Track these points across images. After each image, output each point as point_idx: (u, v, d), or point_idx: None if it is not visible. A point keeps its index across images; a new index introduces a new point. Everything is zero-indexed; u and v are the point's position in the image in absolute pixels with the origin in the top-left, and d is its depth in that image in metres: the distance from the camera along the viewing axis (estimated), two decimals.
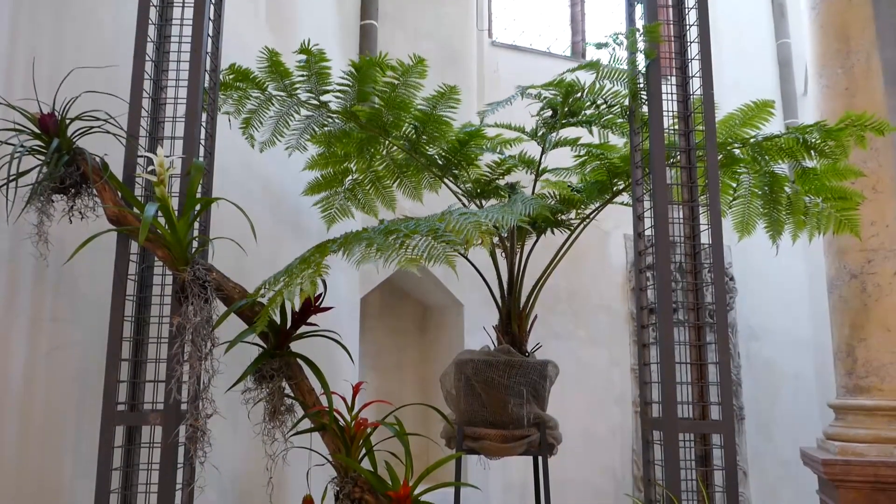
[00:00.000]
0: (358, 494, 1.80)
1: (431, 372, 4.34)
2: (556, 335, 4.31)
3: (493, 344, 2.68)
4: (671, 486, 1.74)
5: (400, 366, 4.45)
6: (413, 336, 4.54)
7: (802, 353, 4.98)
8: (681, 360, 1.88)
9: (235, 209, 1.93)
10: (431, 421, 3.61)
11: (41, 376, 1.99)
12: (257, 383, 1.87)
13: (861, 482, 3.00)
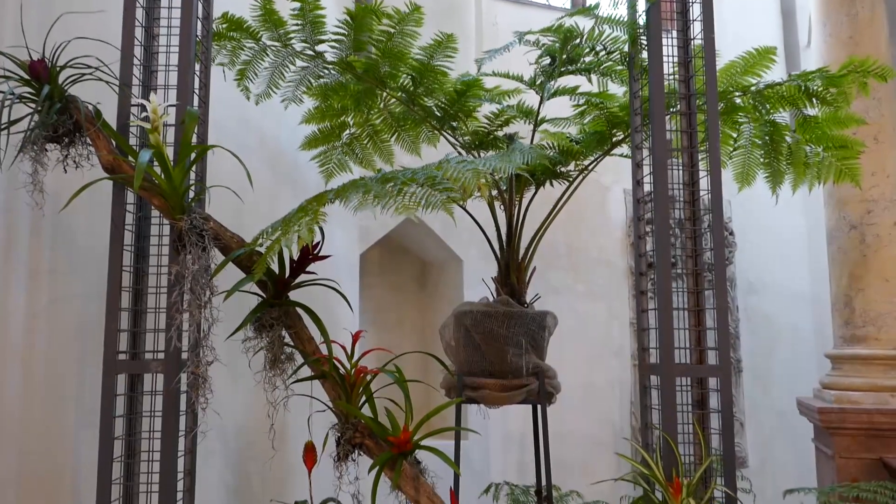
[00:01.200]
0: (359, 440, 1.83)
1: (431, 327, 4.36)
2: (556, 290, 4.32)
3: (491, 296, 2.69)
4: (668, 430, 1.77)
5: (400, 321, 4.47)
6: (413, 292, 4.56)
7: (800, 307, 5.00)
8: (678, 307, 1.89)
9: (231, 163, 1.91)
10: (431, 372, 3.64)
11: (42, 328, 2.01)
12: (257, 332, 1.89)
13: (856, 429, 3.04)
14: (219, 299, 1.76)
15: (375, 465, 1.76)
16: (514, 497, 2.84)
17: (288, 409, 1.86)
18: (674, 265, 1.92)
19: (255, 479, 2.83)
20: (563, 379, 2.69)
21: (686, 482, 1.65)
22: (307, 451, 1.93)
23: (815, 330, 4.93)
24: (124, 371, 1.72)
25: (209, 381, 1.69)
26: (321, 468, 1.99)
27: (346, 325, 2.25)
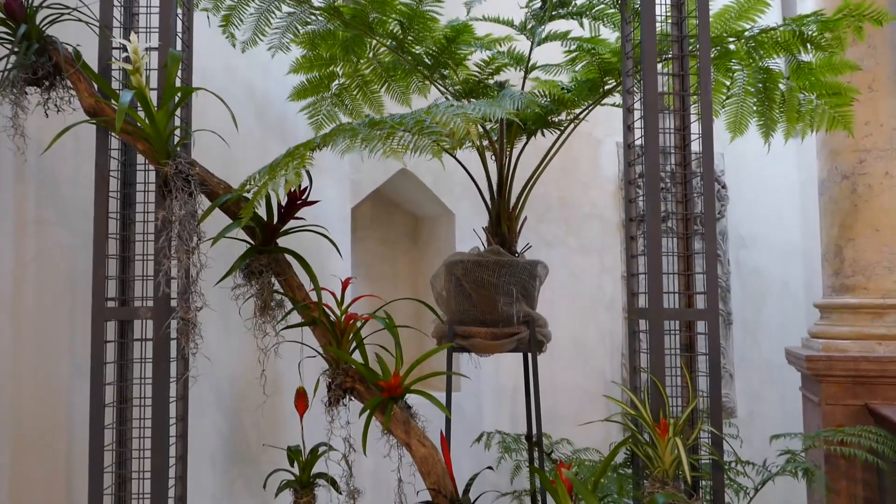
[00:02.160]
0: (349, 384, 1.84)
1: (424, 281, 4.37)
2: (548, 243, 4.32)
3: (482, 246, 2.68)
4: (656, 372, 1.78)
5: (392, 276, 4.47)
6: (405, 246, 4.55)
7: (791, 260, 5.03)
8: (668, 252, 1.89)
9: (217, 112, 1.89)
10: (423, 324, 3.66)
11: (30, 278, 2.00)
12: (246, 279, 1.88)
13: (842, 376, 3.08)
14: (207, 246, 1.75)
15: (366, 410, 1.78)
16: (506, 445, 2.89)
17: (279, 355, 1.86)
18: (664, 220, 1.91)
19: (249, 429, 2.86)
20: (554, 332, 2.71)
21: (673, 422, 1.67)
22: (299, 397, 1.95)
23: (805, 283, 4.96)
24: (113, 318, 1.72)
25: (199, 326, 1.69)
26: (313, 414, 2.01)
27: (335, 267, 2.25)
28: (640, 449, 1.73)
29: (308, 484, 1.92)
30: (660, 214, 1.76)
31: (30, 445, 1.94)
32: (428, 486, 1.77)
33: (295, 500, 1.91)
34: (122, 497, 1.72)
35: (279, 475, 1.97)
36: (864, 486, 3.08)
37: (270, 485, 2.05)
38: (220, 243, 1.84)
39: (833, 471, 3.07)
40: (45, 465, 1.97)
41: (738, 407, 4.70)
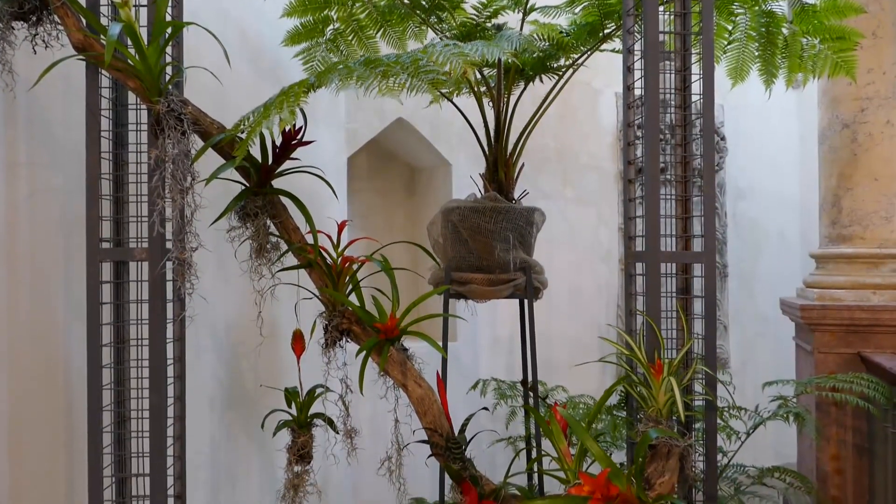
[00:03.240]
0: (346, 326, 1.84)
1: (420, 232, 4.35)
2: (545, 195, 4.30)
3: (479, 193, 2.67)
4: (651, 314, 1.79)
5: (389, 227, 4.46)
6: (401, 197, 4.53)
7: (788, 213, 5.03)
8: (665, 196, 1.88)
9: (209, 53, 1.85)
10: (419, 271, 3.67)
11: (23, 221, 1.98)
12: (241, 221, 1.87)
13: (836, 325, 3.11)
14: (201, 187, 1.74)
15: (362, 350, 1.79)
16: (501, 392, 2.92)
17: (276, 297, 1.86)
18: (663, 171, 1.89)
19: (246, 373, 2.88)
20: (550, 283, 2.71)
21: (668, 362, 1.68)
22: (295, 339, 1.96)
23: (802, 236, 4.98)
24: (108, 258, 1.71)
25: (194, 267, 1.68)
26: (310, 356, 2.02)
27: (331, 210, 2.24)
28: (634, 389, 1.75)
29: (305, 424, 1.94)
30: (658, 153, 1.75)
31: (28, 386, 1.95)
32: (424, 426, 1.79)
33: (293, 440, 1.93)
34: (122, 435, 1.74)
35: (277, 415, 2.00)
36: (854, 433, 3.13)
37: (268, 425, 2.07)
38: (215, 187, 1.83)
39: (824, 418, 3.12)
40: (43, 404, 1.99)
41: (731, 358, 4.76)
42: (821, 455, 3.16)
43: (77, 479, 2.06)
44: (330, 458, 2.00)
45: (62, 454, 2.03)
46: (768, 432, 3.82)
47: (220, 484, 2.74)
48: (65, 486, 2.04)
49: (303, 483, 1.93)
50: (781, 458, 4.13)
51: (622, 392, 2.28)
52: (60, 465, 2.03)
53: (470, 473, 1.76)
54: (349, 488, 3.71)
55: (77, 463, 2.05)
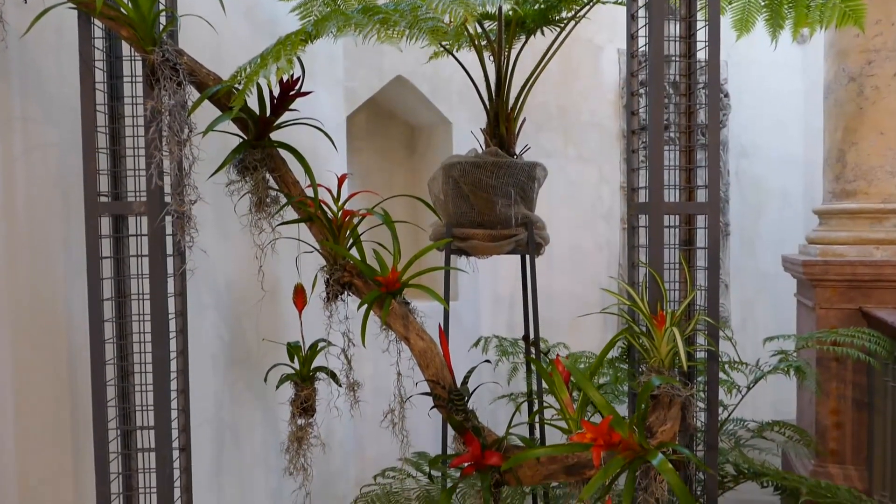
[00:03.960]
0: (347, 279, 1.84)
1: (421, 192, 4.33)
2: (547, 153, 4.27)
3: (480, 148, 2.64)
4: (654, 265, 1.78)
5: (389, 187, 4.43)
6: (401, 157, 4.49)
7: (791, 170, 5.00)
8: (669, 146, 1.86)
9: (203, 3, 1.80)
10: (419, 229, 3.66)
11: (20, 176, 1.96)
12: (240, 175, 1.85)
13: (838, 281, 3.10)
14: (199, 140, 1.71)
15: (364, 304, 1.78)
16: (503, 348, 2.93)
17: (276, 252, 1.85)
18: (666, 129, 1.86)
19: (248, 331, 2.89)
20: (551, 242, 2.69)
21: (670, 312, 1.68)
22: (297, 294, 1.95)
23: (805, 194, 4.95)
24: (106, 212, 1.69)
25: (194, 220, 1.67)
26: (312, 311, 2.02)
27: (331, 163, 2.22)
28: (636, 340, 1.75)
29: (308, 378, 1.95)
30: (663, 100, 1.71)
31: (31, 342, 1.95)
32: (427, 378, 1.80)
33: (296, 393, 1.94)
34: (126, 388, 1.75)
35: (280, 370, 2.00)
36: (854, 388, 3.15)
37: (271, 379, 2.08)
38: (213, 143, 1.80)
39: (824, 373, 3.14)
40: (47, 360, 1.99)
41: (731, 316, 4.77)
42: (820, 409, 3.19)
43: (82, 434, 2.07)
44: (333, 412, 2.01)
45: (67, 409, 2.05)
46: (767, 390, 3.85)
47: (224, 439, 2.77)
48: (70, 441, 2.06)
49: (306, 436, 1.94)
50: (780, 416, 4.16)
51: (624, 345, 2.29)
52: (65, 420, 2.04)
53: (473, 425, 1.77)
54: (352, 441, 3.76)
55: (82, 417, 2.06)
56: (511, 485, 1.73)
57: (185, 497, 1.85)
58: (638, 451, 1.49)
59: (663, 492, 1.53)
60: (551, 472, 1.66)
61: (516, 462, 1.62)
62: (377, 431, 3.66)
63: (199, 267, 1.82)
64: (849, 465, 3.15)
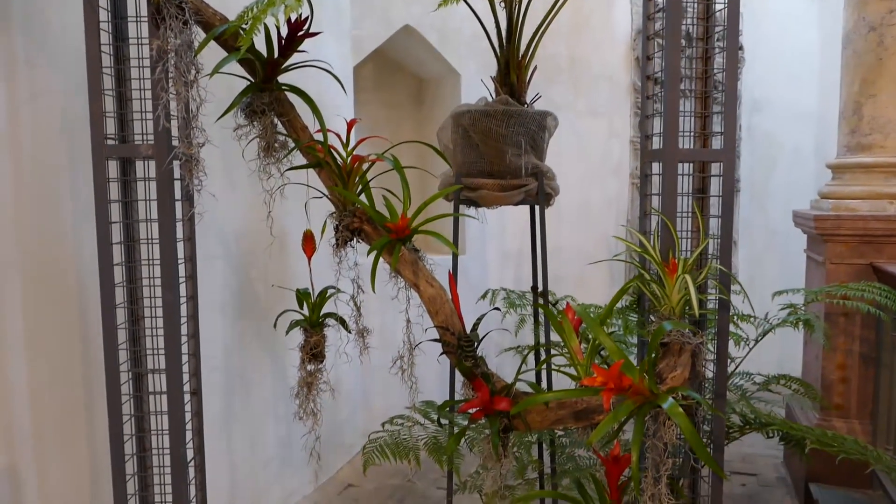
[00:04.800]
0: (357, 225, 1.82)
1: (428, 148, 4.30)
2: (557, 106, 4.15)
3: (490, 97, 2.59)
4: (667, 213, 1.76)
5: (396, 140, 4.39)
6: (409, 110, 4.44)
7: (805, 126, 4.92)
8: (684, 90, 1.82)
9: None
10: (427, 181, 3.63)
11: (26, 122, 1.94)
12: (248, 119, 1.82)
13: (850, 235, 3.08)
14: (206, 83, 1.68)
15: (374, 250, 1.77)
16: (511, 301, 2.93)
17: (285, 197, 1.84)
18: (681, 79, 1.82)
19: (256, 282, 2.89)
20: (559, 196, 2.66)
21: (682, 259, 1.66)
22: (306, 240, 1.94)
23: (817, 150, 4.88)
24: (114, 155, 1.67)
25: (202, 163, 1.65)
26: (321, 259, 2.01)
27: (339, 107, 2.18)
28: (647, 288, 1.74)
29: (317, 324, 1.95)
30: (679, 42, 1.67)
31: (40, 290, 1.95)
32: (436, 325, 1.79)
33: (306, 339, 1.95)
34: (136, 332, 1.75)
35: (289, 316, 2.00)
36: (862, 343, 3.15)
37: (281, 325, 2.09)
38: (220, 88, 1.77)
39: (832, 328, 3.13)
40: (57, 305, 2.00)
41: (739, 272, 4.76)
42: (826, 364, 3.19)
43: (95, 378, 2.09)
44: (342, 359, 2.02)
45: (78, 353, 2.06)
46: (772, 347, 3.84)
47: (234, 387, 2.80)
48: (82, 386, 2.08)
49: (316, 381, 1.96)
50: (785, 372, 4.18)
51: (634, 294, 2.28)
52: (77, 364, 2.06)
53: (482, 371, 1.77)
54: (360, 393, 3.80)
55: (94, 361, 2.08)
56: (520, 430, 1.74)
57: (196, 439, 1.87)
58: (648, 397, 1.49)
59: (672, 437, 1.54)
60: (560, 418, 1.67)
61: (526, 406, 1.63)
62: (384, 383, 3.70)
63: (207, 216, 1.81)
64: (853, 419, 3.16)
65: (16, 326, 1.89)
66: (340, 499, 3.36)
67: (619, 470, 1.64)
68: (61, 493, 2.03)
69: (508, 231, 4.28)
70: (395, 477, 3.60)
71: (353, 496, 3.39)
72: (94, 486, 2.13)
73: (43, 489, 1.97)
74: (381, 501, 3.33)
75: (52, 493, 2.00)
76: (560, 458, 2.50)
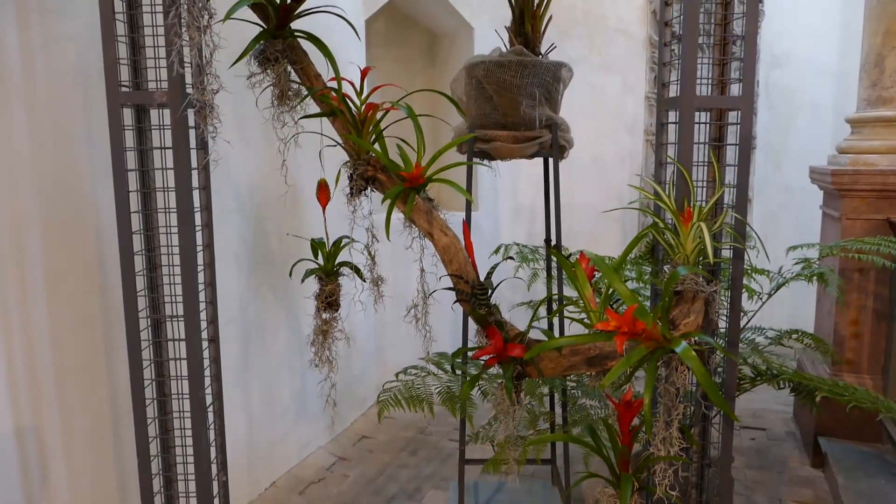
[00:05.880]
0: (371, 173, 1.82)
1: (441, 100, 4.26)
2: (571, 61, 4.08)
3: (504, 48, 2.56)
4: (683, 161, 1.74)
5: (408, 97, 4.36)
6: (421, 65, 4.39)
7: (824, 82, 4.83)
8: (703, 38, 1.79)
9: None
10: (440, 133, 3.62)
11: (40, 69, 1.94)
12: (261, 67, 1.81)
13: (867, 190, 3.04)
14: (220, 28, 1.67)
15: (388, 198, 1.77)
16: (523, 255, 2.93)
17: (299, 144, 1.83)
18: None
19: (271, 235, 2.91)
20: (573, 152, 2.64)
21: (698, 207, 1.65)
22: (320, 189, 1.94)
23: (836, 107, 4.80)
24: (129, 102, 1.67)
25: (216, 110, 1.65)
26: (335, 208, 2.02)
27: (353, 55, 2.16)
28: (661, 236, 1.73)
29: (332, 272, 1.96)
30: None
31: (60, 240, 1.98)
32: (450, 273, 1.80)
33: (321, 288, 1.96)
34: (154, 280, 1.78)
35: (304, 265, 2.02)
36: (875, 299, 3.14)
37: (295, 279, 2.10)
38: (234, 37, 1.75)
39: (846, 283, 3.12)
40: (76, 253, 2.03)
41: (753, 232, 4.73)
42: (839, 320, 3.19)
43: (114, 325, 2.13)
44: (356, 307, 2.03)
45: (97, 302, 2.10)
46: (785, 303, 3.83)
47: (250, 339, 2.84)
48: (102, 331, 2.12)
49: (331, 329, 1.98)
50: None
51: (648, 243, 2.28)
52: (97, 311, 2.10)
53: (496, 318, 1.78)
54: (373, 348, 3.84)
55: (113, 308, 2.12)
56: (533, 377, 1.76)
57: (215, 385, 1.91)
58: (661, 342, 1.50)
59: (685, 381, 1.55)
60: (573, 364, 1.69)
61: (539, 351, 1.64)
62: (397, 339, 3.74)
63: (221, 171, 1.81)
64: (864, 374, 3.17)
65: (36, 275, 1.92)
66: (355, 449, 3.43)
67: (631, 415, 1.66)
68: (84, 440, 2.08)
69: (520, 187, 4.26)
70: (408, 429, 3.66)
71: (368, 447, 3.46)
72: (116, 431, 2.18)
73: (66, 434, 2.02)
74: (394, 452, 3.39)
75: (76, 441, 2.05)
76: (571, 410, 2.54)
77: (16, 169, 1.87)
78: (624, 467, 1.67)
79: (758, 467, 3.19)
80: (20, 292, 1.89)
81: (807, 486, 3.00)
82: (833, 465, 2.94)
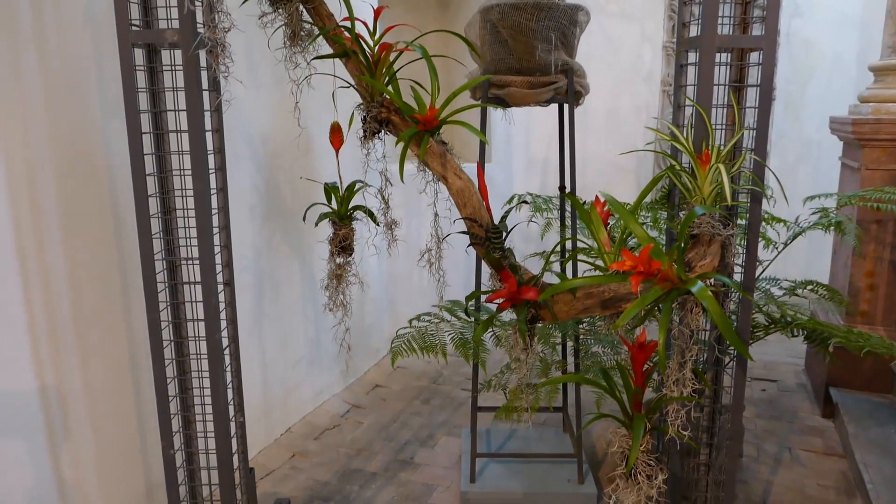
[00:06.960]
0: (385, 115, 1.80)
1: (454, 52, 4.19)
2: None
3: None
4: (702, 102, 1.71)
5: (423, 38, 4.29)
6: (434, 13, 4.31)
7: (847, 33, 4.70)
8: None
9: None
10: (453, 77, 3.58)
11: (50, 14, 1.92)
12: (273, 7, 1.78)
13: (889, 140, 2.99)
14: None
15: (401, 140, 1.75)
16: (536, 205, 2.91)
17: (312, 86, 1.81)
18: None
19: (283, 185, 2.90)
20: (587, 103, 2.60)
21: (716, 149, 1.63)
22: (333, 132, 1.93)
23: (858, 59, 4.68)
24: (139, 41, 1.65)
25: (228, 49, 1.62)
26: (349, 152, 2.01)
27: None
28: (678, 179, 1.71)
29: (346, 216, 1.96)
30: None
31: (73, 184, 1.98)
32: (464, 217, 1.79)
33: (334, 232, 1.96)
34: (168, 222, 1.78)
35: (318, 209, 2.02)
36: (892, 250, 3.11)
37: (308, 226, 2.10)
38: None
39: (864, 234, 3.09)
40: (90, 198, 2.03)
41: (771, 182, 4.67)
42: (855, 271, 3.16)
43: (130, 269, 2.15)
44: (370, 250, 2.03)
45: (113, 245, 2.11)
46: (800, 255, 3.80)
47: (264, 288, 2.86)
48: (118, 274, 2.13)
49: (345, 273, 1.98)
50: None
51: (664, 188, 2.25)
52: (113, 254, 2.11)
53: (510, 262, 1.78)
54: (386, 299, 3.86)
55: (128, 252, 2.13)
56: (547, 320, 1.76)
57: (230, 328, 1.93)
58: (676, 283, 1.49)
59: (699, 323, 1.55)
60: (587, 307, 1.69)
61: (553, 293, 1.64)
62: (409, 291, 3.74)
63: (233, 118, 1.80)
64: (878, 325, 3.16)
65: (51, 221, 1.93)
66: (368, 398, 3.47)
67: (645, 356, 1.66)
68: (103, 384, 2.12)
69: (534, 138, 4.21)
70: (421, 379, 3.70)
71: (381, 395, 3.51)
72: (135, 374, 2.22)
73: (85, 378, 2.06)
74: (407, 400, 3.44)
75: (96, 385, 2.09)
76: (583, 358, 2.55)
77: (28, 114, 1.86)
78: (637, 408, 1.68)
79: (768, 417, 3.21)
80: (37, 238, 1.91)
81: (817, 436, 3.02)
82: (843, 414, 2.95)
